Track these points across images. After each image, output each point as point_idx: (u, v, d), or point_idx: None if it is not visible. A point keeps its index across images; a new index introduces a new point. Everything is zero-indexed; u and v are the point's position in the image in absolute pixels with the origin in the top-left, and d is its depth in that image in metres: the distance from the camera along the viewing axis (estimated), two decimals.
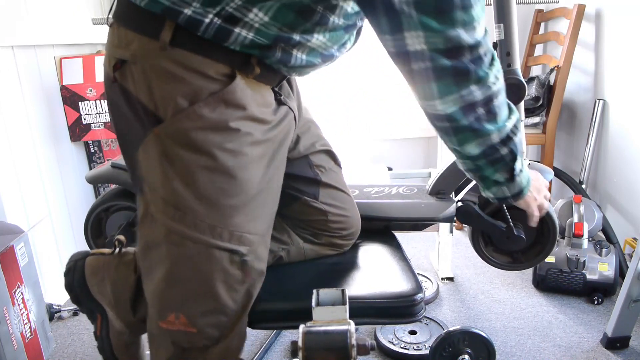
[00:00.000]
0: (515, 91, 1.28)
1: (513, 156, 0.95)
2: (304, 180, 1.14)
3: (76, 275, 1.16)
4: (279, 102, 0.97)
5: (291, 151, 1.10)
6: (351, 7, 0.87)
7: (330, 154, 1.21)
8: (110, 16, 0.92)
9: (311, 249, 1.19)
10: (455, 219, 1.35)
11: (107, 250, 1.18)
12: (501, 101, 0.89)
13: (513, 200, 1.04)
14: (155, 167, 0.88)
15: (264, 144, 0.92)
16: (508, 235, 1.28)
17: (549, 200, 1.18)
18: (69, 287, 1.17)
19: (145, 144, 0.89)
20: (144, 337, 1.24)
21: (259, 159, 0.92)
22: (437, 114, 0.87)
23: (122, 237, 1.18)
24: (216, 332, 0.95)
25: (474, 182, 1.34)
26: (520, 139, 0.97)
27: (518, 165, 0.97)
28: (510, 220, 1.27)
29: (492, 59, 0.84)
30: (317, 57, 0.94)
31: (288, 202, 1.13)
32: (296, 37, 0.86)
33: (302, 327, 0.81)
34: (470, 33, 0.78)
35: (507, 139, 0.92)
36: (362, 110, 2.85)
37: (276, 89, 0.97)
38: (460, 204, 1.32)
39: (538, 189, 1.10)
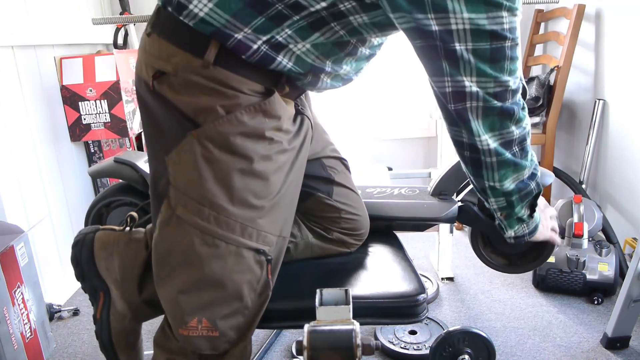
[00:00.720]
0: None
1: (538, 190, 1.05)
2: (318, 178, 1.18)
3: (84, 248, 1.15)
4: (297, 112, 1.06)
5: None
6: (377, 40, 1.01)
7: (340, 159, 1.25)
8: (149, 27, 0.96)
9: (319, 245, 1.20)
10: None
11: (118, 227, 1.17)
12: (529, 141, 1.00)
13: (529, 238, 1.12)
14: (190, 168, 0.92)
15: (289, 152, 1.00)
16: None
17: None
18: (75, 260, 1.16)
19: (180, 147, 0.93)
20: (144, 331, 1.23)
21: (283, 164, 0.99)
22: (484, 148, 0.95)
23: (134, 214, 1.17)
24: (235, 335, 0.97)
25: None
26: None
27: (537, 201, 1.08)
28: None
29: (524, 104, 0.97)
30: (339, 82, 1.06)
31: (303, 198, 1.14)
32: (328, 67, 0.98)
33: (307, 326, 0.81)
34: (514, 80, 0.90)
35: (533, 175, 1.03)
36: (362, 111, 2.85)
37: (296, 101, 1.06)
38: (459, 204, 1.32)
39: (544, 215, 1.18)
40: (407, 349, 1.58)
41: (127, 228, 1.16)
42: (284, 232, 1.03)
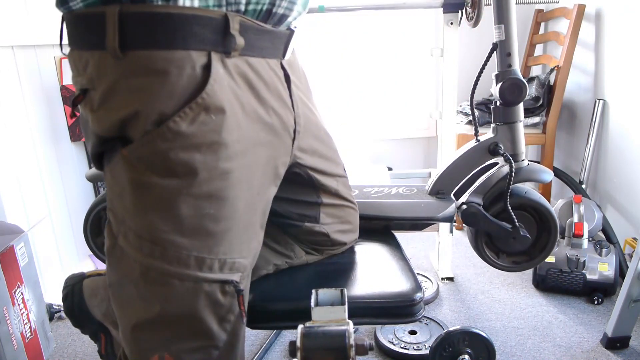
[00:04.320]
0: (516, 91, 1.29)
1: None
2: (305, 204, 1.06)
3: (75, 300, 1.14)
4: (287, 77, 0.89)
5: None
6: None
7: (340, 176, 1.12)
8: (65, 45, 0.78)
9: (314, 259, 1.15)
10: (456, 219, 1.34)
11: (103, 270, 1.15)
12: None
13: None
14: (125, 194, 0.74)
15: (257, 148, 0.82)
16: (514, 236, 1.28)
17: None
18: (69, 312, 1.15)
19: (113, 165, 0.75)
20: None
21: (249, 167, 0.80)
22: None
23: None
24: None
25: (476, 184, 1.33)
26: None
27: None
28: (515, 220, 1.27)
29: None
30: None
31: (289, 229, 1.08)
32: None
33: (300, 327, 0.81)
34: None
35: None
36: (362, 110, 2.85)
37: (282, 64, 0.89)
38: (465, 206, 1.30)
39: None
40: (407, 349, 1.58)
41: None
42: (257, 247, 0.88)
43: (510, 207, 1.27)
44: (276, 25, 0.82)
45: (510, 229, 1.28)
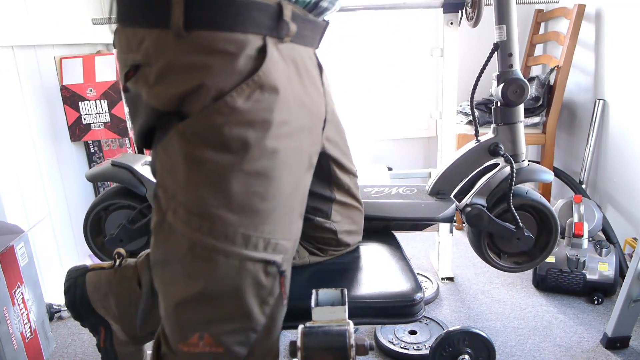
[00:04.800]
0: (518, 91, 1.29)
1: None
2: (319, 197, 1.08)
3: (77, 293, 1.13)
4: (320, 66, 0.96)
5: None
6: None
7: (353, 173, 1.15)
8: (113, 21, 0.80)
9: (315, 260, 1.17)
10: (456, 219, 1.34)
11: (106, 264, 1.15)
12: None
13: None
14: (176, 170, 0.76)
15: (301, 132, 0.85)
16: (518, 237, 1.28)
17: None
18: (70, 305, 1.15)
19: (166, 141, 0.77)
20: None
21: (295, 152, 0.84)
22: None
23: (122, 250, 1.14)
24: (244, 350, 0.84)
25: (479, 185, 1.33)
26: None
27: None
28: (519, 221, 1.27)
29: None
30: None
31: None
32: None
33: (301, 327, 0.81)
34: None
35: None
36: (362, 110, 2.85)
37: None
38: (469, 208, 1.30)
39: None
40: (407, 349, 1.58)
41: (117, 264, 1.14)
42: (298, 231, 0.90)
43: (513, 208, 1.27)
44: (317, 16, 0.86)
45: (515, 230, 1.28)
